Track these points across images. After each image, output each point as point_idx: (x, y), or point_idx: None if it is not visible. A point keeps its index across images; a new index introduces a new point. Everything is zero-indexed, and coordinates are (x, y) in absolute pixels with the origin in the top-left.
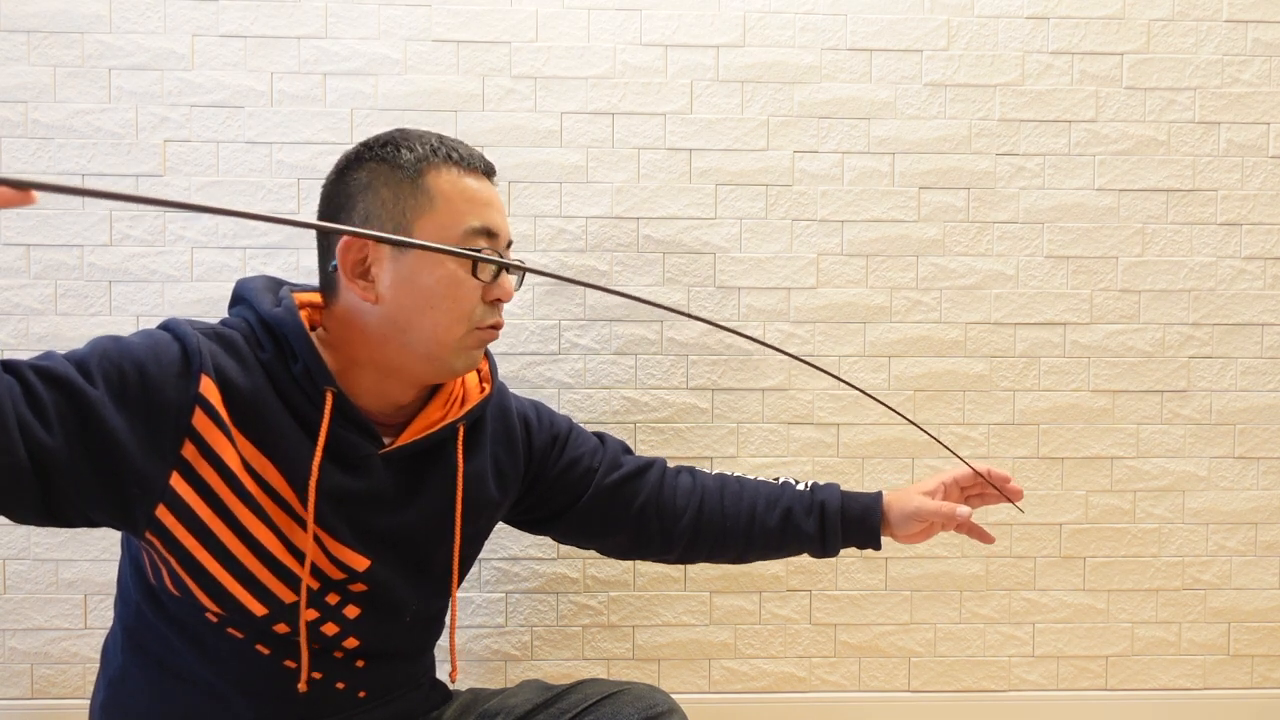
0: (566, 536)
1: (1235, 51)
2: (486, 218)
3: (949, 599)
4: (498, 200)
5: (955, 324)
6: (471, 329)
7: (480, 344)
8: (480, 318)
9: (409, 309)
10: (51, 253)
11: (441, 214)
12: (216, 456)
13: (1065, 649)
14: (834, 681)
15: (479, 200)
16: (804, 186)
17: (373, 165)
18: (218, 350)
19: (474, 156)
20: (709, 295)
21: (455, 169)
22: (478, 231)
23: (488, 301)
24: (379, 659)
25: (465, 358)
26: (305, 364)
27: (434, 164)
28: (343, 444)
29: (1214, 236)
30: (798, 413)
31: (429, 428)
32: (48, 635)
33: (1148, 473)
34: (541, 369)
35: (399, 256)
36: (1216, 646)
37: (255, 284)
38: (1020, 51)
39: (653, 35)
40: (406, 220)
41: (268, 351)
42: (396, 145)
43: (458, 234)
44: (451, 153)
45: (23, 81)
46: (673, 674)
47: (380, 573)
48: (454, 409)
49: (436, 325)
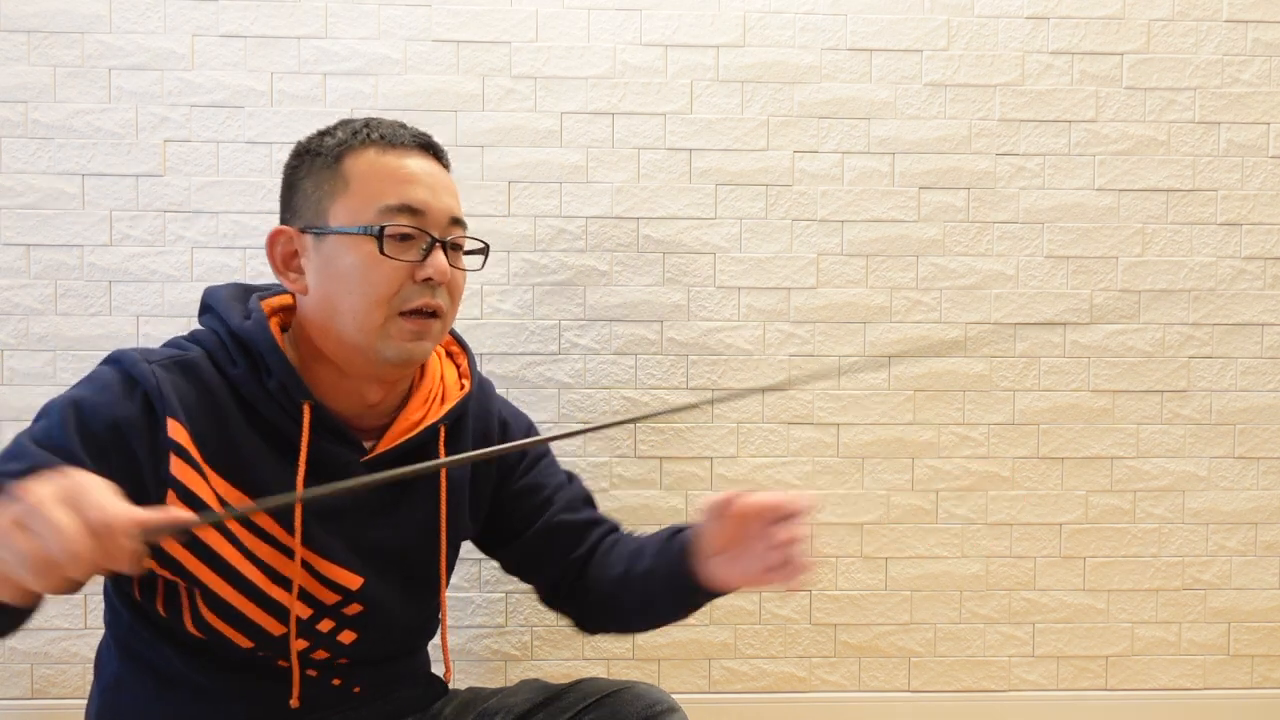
0: (511, 566)
1: (1235, 51)
2: (405, 194)
3: (949, 599)
4: (430, 177)
5: (955, 324)
6: (394, 314)
7: (413, 335)
8: (405, 299)
9: (331, 295)
10: (51, 253)
11: (355, 195)
12: (196, 498)
13: (1065, 649)
14: (834, 681)
15: (398, 177)
16: (804, 186)
17: (303, 158)
18: (178, 381)
19: (401, 135)
20: (709, 295)
21: (375, 149)
22: (393, 209)
23: (418, 281)
24: (374, 660)
25: (395, 347)
26: (279, 379)
27: (353, 147)
28: (324, 456)
29: (1214, 236)
30: (798, 413)
31: (410, 430)
32: (48, 635)
33: (1148, 473)
34: (541, 369)
35: (320, 244)
36: (1216, 646)
37: (223, 293)
38: (1020, 51)
39: (653, 35)
40: (323, 207)
41: (240, 367)
42: (324, 134)
43: (371, 213)
44: (373, 133)
45: (23, 81)
46: (673, 674)
47: (375, 589)
48: (434, 408)
49: (355, 310)
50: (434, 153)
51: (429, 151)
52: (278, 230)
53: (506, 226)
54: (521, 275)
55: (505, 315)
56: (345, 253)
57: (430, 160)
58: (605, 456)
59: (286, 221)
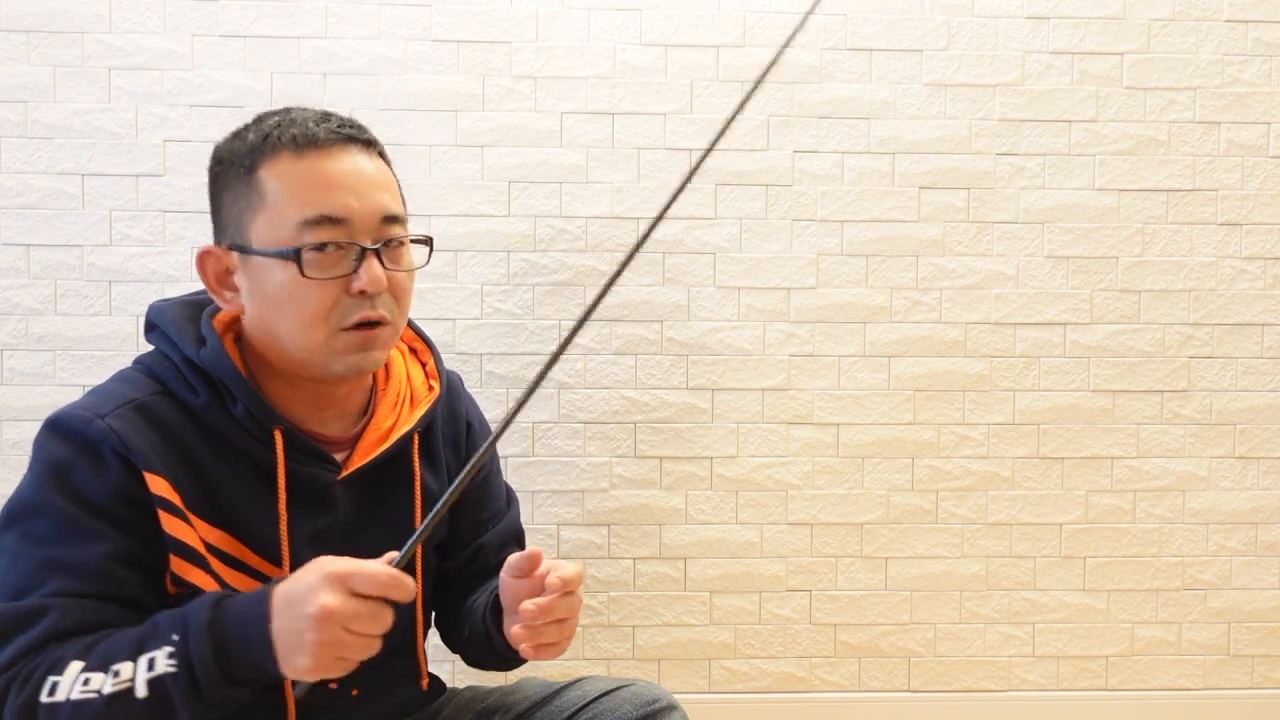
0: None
1: (1235, 51)
2: (324, 203)
3: (949, 599)
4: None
5: (955, 324)
6: (335, 331)
7: (358, 346)
8: (343, 316)
9: (267, 318)
10: (51, 253)
11: (271, 210)
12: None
13: (1065, 649)
14: (834, 681)
15: (314, 184)
16: (804, 186)
17: (219, 167)
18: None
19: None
20: (709, 295)
21: (288, 154)
22: (313, 222)
23: (353, 294)
24: (373, 665)
25: (342, 362)
26: (246, 406)
27: (264, 152)
28: (301, 479)
29: (1214, 236)
30: (798, 413)
31: (382, 440)
32: None
33: (1148, 473)
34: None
35: (247, 264)
36: (1216, 646)
37: (172, 314)
38: (1020, 51)
39: (653, 35)
40: (243, 224)
41: (202, 397)
42: (237, 135)
43: (289, 230)
44: (284, 135)
45: (23, 81)
46: (673, 674)
47: None
48: (403, 413)
49: (292, 333)
50: (360, 144)
51: (352, 144)
52: (205, 250)
53: (506, 226)
54: (521, 275)
55: (505, 315)
56: (271, 274)
57: (354, 154)
58: (605, 456)
59: (216, 239)
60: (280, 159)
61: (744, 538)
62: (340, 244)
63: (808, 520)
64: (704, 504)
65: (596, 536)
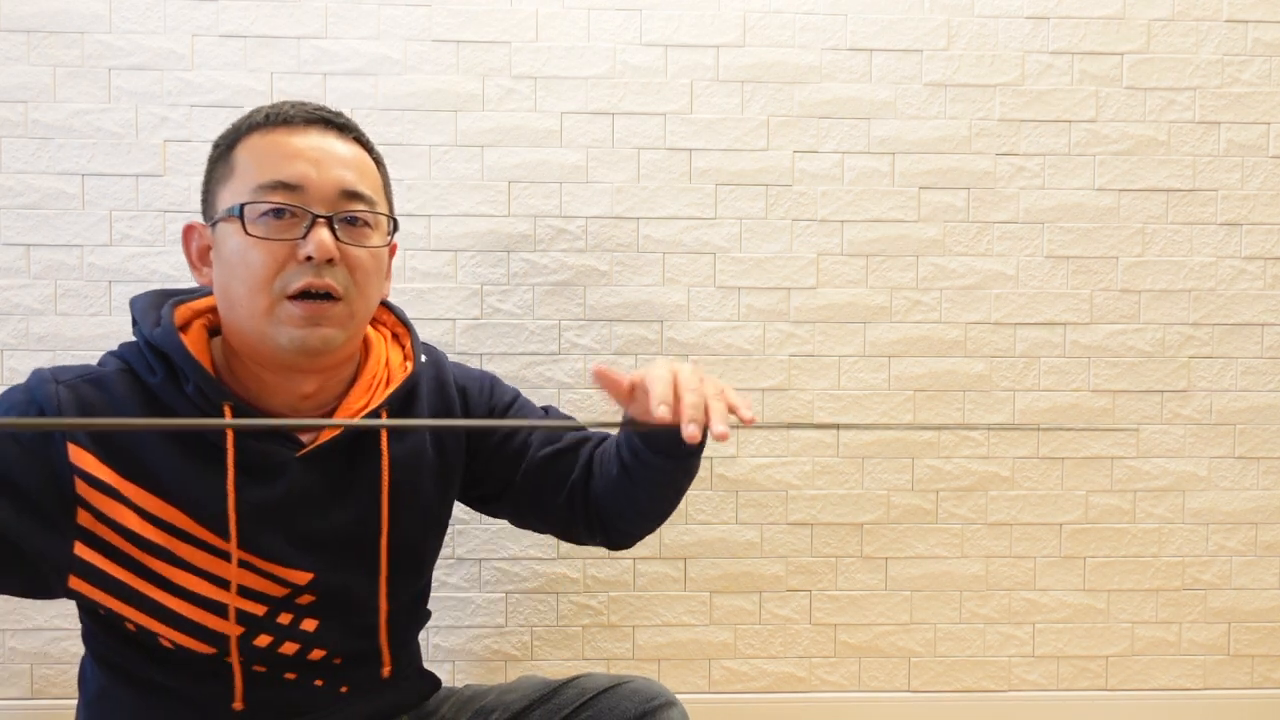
0: (515, 517)
1: (1235, 51)
2: (280, 170)
3: (949, 599)
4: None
5: (955, 324)
6: (279, 298)
7: (305, 320)
8: (288, 281)
9: (224, 284)
10: (51, 253)
11: (236, 179)
12: (112, 519)
13: (1065, 649)
14: (834, 681)
15: (276, 154)
16: (804, 186)
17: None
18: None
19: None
20: (709, 295)
21: (260, 130)
22: (267, 187)
23: (300, 260)
24: (355, 656)
25: (286, 334)
26: (195, 383)
27: (243, 132)
28: (255, 455)
29: (1214, 236)
30: (798, 413)
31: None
32: (48, 635)
33: (1148, 473)
34: (541, 369)
35: (214, 235)
36: (1216, 646)
37: (143, 302)
38: (1020, 51)
39: (653, 35)
40: (215, 196)
41: (158, 375)
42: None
43: (246, 194)
44: (260, 114)
45: (23, 81)
46: (673, 674)
47: (329, 580)
48: (378, 393)
49: (241, 298)
50: (334, 127)
51: (323, 124)
52: (189, 226)
53: (506, 226)
54: (521, 275)
55: (505, 315)
56: (227, 239)
57: (323, 133)
58: None
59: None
60: (254, 135)
61: (744, 538)
62: (293, 209)
63: (808, 520)
64: (704, 504)
65: None
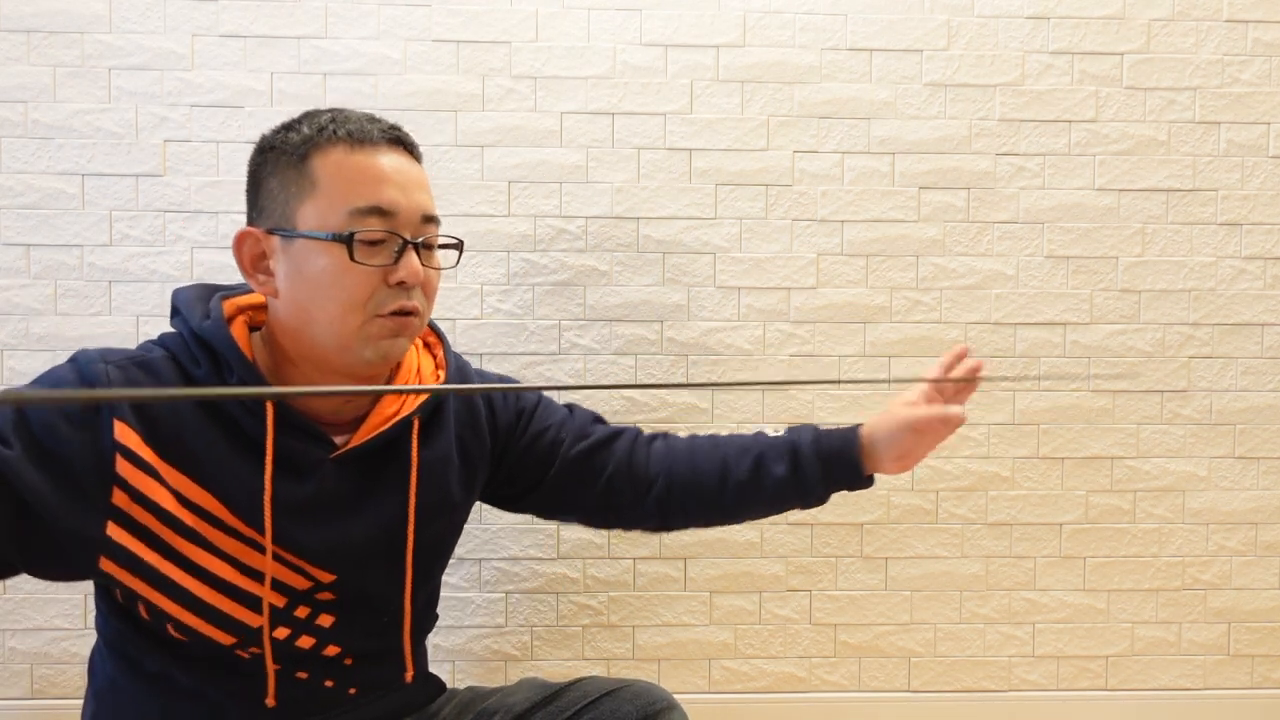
0: (543, 511)
1: (1235, 51)
2: (375, 195)
3: (949, 599)
4: (401, 174)
5: (955, 324)
6: (370, 317)
7: (391, 332)
8: (380, 304)
9: (303, 301)
10: (51, 253)
11: (322, 197)
12: (149, 500)
13: (1065, 649)
14: (834, 681)
15: (367, 177)
16: (804, 186)
17: (267, 154)
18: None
19: (368, 130)
20: (709, 295)
21: (343, 146)
22: (363, 212)
23: (391, 285)
24: (367, 657)
25: (374, 348)
26: (240, 376)
27: (319, 144)
28: (292, 454)
29: (1214, 236)
30: (798, 413)
31: (384, 424)
32: (48, 635)
33: (1148, 473)
34: (541, 369)
35: (288, 247)
36: (1216, 646)
37: (189, 294)
38: (1020, 51)
39: (653, 35)
40: (290, 208)
41: (203, 367)
42: (289, 128)
43: (340, 217)
44: (340, 129)
45: (23, 81)
46: (673, 674)
47: (349, 581)
48: (409, 401)
49: (330, 316)
50: (405, 146)
51: (399, 146)
52: (245, 232)
53: (506, 226)
54: (521, 275)
55: (505, 315)
56: (315, 257)
57: (401, 155)
58: None
59: (253, 222)
60: (334, 150)
61: (744, 538)
62: (386, 236)
63: (808, 520)
64: None
65: (597, 536)
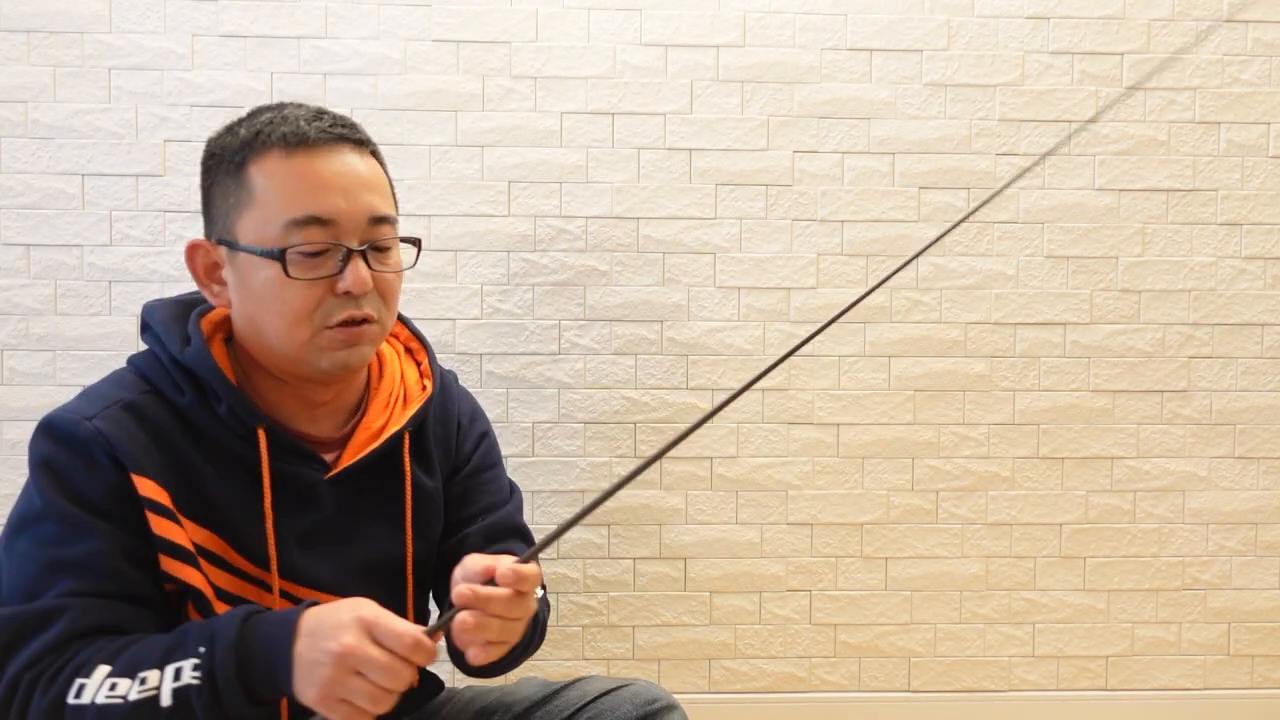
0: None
1: (1235, 51)
2: (312, 204)
3: (949, 599)
4: (342, 178)
5: (955, 324)
6: (319, 329)
7: (343, 343)
8: (328, 314)
9: (251, 314)
10: (51, 253)
11: (259, 208)
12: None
13: (1065, 649)
14: (834, 681)
15: (304, 185)
16: (804, 186)
17: (209, 161)
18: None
19: (305, 132)
20: (709, 295)
21: (278, 151)
22: (300, 223)
23: (338, 295)
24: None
25: (329, 359)
26: (229, 405)
27: (255, 149)
28: (287, 478)
29: (1214, 236)
30: (798, 413)
31: (372, 440)
32: None
33: (1148, 473)
34: (541, 369)
35: (234, 260)
36: (1216, 646)
37: (162, 314)
38: (1020, 51)
39: (653, 35)
40: (231, 220)
41: (187, 396)
42: (230, 130)
43: (277, 229)
44: (276, 132)
45: (23, 81)
46: (673, 674)
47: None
48: (395, 412)
49: (277, 330)
50: (352, 142)
51: (344, 144)
52: (195, 243)
53: (506, 226)
54: (521, 275)
55: (505, 315)
56: (257, 271)
57: (345, 154)
58: (605, 456)
59: (206, 232)
60: (270, 156)
61: (744, 538)
62: (328, 245)
63: (808, 520)
64: (704, 504)
65: (596, 536)
